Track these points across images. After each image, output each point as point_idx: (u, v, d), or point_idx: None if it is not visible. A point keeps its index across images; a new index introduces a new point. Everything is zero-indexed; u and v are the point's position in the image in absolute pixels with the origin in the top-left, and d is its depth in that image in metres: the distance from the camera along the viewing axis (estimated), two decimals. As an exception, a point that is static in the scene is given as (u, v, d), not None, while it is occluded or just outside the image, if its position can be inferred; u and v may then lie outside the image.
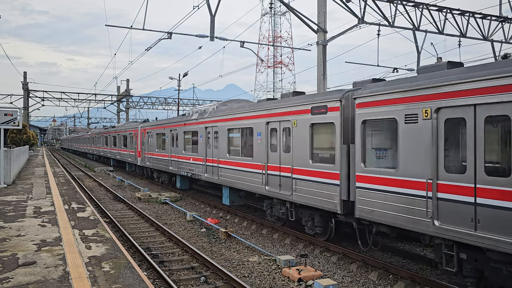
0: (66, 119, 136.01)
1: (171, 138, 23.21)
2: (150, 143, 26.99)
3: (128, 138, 33.13)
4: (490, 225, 6.79)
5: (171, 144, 23.08)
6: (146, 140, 27.88)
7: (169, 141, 23.43)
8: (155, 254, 10.97)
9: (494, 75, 6.77)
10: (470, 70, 7.40)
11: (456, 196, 7.38)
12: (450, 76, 7.65)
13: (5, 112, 19.89)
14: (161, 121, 26.25)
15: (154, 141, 26.18)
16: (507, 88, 6.58)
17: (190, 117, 20.46)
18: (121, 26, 21.34)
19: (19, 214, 13.02)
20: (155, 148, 26.02)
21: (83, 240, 9.85)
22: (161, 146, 25.04)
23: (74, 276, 7.20)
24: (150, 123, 28.01)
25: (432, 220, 7.76)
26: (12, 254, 8.58)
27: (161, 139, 24.99)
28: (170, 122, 23.47)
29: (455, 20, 21.14)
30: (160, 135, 25.28)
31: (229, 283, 8.73)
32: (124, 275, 7.34)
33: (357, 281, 9.27)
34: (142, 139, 28.72)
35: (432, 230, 7.77)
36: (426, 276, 8.81)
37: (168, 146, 23.44)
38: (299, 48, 26.01)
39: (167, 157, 23.69)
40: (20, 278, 7.12)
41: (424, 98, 7.98)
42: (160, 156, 24.91)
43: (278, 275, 9.48)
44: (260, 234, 13.62)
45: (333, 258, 10.70)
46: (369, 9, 18.80)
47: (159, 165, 25.22)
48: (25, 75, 54.80)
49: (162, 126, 24.70)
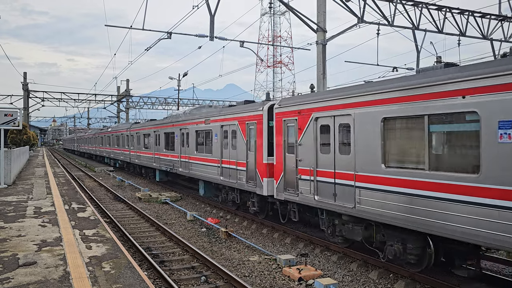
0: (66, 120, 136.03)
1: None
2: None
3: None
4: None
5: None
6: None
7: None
8: (155, 254, 10.98)
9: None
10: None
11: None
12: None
13: (5, 113, 19.89)
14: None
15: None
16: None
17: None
18: (121, 26, 21.33)
19: (19, 214, 13.03)
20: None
21: (84, 240, 9.85)
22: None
23: (75, 276, 7.21)
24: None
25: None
26: (13, 254, 8.59)
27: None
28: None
29: (455, 19, 21.14)
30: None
31: (230, 283, 8.74)
32: (125, 275, 7.35)
33: (357, 280, 9.28)
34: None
35: None
36: (426, 275, 8.82)
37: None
38: (298, 47, 26.00)
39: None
40: (20, 278, 7.13)
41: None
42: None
43: (278, 275, 9.49)
44: (260, 234, 13.63)
45: (334, 258, 10.71)
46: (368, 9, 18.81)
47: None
48: (25, 75, 54.75)
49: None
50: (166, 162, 23.42)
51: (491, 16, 21.84)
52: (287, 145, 12.23)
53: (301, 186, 11.44)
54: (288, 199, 12.29)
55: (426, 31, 20.68)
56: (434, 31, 20.68)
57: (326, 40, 18.86)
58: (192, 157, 19.34)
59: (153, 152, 26.01)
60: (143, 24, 20.58)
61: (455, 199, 7.30)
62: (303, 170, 11.37)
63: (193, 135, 19.33)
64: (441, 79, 7.66)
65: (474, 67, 7.30)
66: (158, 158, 24.94)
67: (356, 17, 18.62)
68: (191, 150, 19.48)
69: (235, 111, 15.33)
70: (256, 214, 14.92)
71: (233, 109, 15.71)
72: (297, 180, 11.59)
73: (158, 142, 25.04)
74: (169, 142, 23.18)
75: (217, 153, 16.57)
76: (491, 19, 21.95)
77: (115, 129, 39.52)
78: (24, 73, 54.90)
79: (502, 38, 22.37)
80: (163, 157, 23.99)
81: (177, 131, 21.56)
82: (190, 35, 21.74)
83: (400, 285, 8.73)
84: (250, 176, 14.14)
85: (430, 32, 20.76)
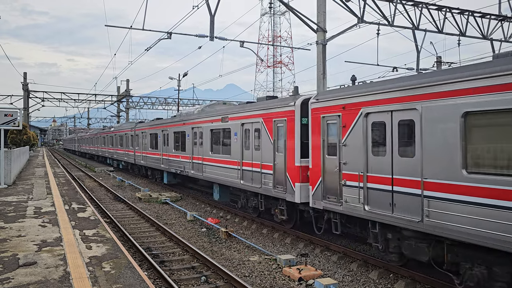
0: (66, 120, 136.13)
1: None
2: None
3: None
4: None
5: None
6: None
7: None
8: (155, 254, 10.98)
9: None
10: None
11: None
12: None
13: (5, 113, 19.91)
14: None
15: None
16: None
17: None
18: (121, 27, 21.33)
19: (19, 214, 13.03)
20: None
21: (84, 240, 9.85)
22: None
23: (75, 276, 7.21)
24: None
25: None
26: (13, 254, 8.59)
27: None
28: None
29: (455, 19, 21.14)
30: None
31: (230, 283, 8.75)
32: (125, 275, 7.35)
33: (357, 280, 9.28)
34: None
35: None
36: (426, 275, 8.82)
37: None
38: (298, 47, 25.99)
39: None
40: (20, 278, 7.13)
41: None
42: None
43: (278, 275, 9.49)
44: (260, 234, 13.63)
45: (334, 258, 10.71)
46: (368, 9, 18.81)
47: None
48: (25, 75, 54.78)
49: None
50: (176, 163, 21.90)
51: (491, 16, 21.85)
52: (326, 145, 10.67)
53: (346, 194, 9.88)
54: (327, 208, 10.65)
55: (426, 31, 20.69)
56: (434, 31, 20.68)
57: (326, 40, 18.86)
58: (207, 158, 17.90)
59: (160, 153, 24.43)
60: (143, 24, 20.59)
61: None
62: (348, 175, 9.82)
63: (207, 135, 17.88)
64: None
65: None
66: (167, 159, 23.35)
67: (356, 17, 18.62)
68: (206, 150, 18.04)
69: (260, 107, 13.80)
70: (282, 223, 13.52)
71: (257, 105, 14.23)
72: (341, 187, 10.08)
73: (167, 142, 23.46)
74: (179, 142, 21.57)
75: (236, 154, 15.17)
76: (491, 19, 21.96)
77: (118, 128, 37.96)
78: (24, 73, 54.93)
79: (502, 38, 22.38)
80: (172, 158, 22.41)
81: (189, 130, 20.03)
82: (190, 35, 21.74)
83: (400, 285, 8.73)
84: (279, 180, 12.64)
85: (430, 32, 20.76)
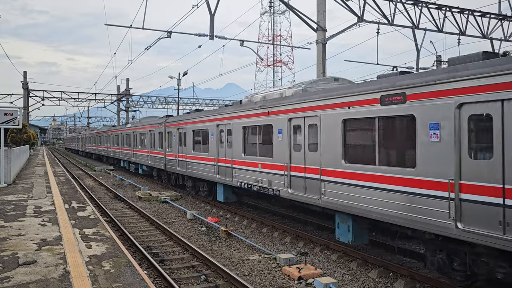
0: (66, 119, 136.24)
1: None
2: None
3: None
4: None
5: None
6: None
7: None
8: (155, 253, 10.99)
9: None
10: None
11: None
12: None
13: (5, 112, 19.92)
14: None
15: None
16: None
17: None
18: (121, 25, 21.38)
19: (19, 213, 13.04)
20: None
21: (84, 239, 9.86)
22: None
23: (75, 275, 7.21)
24: None
25: None
26: (13, 253, 8.60)
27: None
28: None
29: (455, 18, 21.16)
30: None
31: (230, 282, 8.75)
32: (125, 274, 7.35)
33: (357, 279, 9.29)
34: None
35: None
36: (426, 274, 8.84)
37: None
38: (298, 46, 26.01)
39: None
40: (20, 277, 7.13)
41: None
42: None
43: (278, 274, 9.50)
44: (260, 233, 13.64)
45: (333, 256, 10.71)
46: (368, 8, 18.83)
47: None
48: (25, 74, 54.79)
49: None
50: (249, 175, 14.38)
51: (491, 15, 21.86)
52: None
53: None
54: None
55: (426, 30, 20.70)
56: (434, 30, 20.69)
57: (326, 39, 18.86)
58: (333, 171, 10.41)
59: (215, 158, 17.01)
60: (143, 23, 20.63)
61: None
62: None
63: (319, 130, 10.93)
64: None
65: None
66: (230, 168, 15.71)
67: (356, 16, 18.63)
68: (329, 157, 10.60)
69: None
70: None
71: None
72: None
73: (227, 141, 16.07)
74: (257, 142, 14.11)
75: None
76: (491, 18, 21.98)
77: (138, 124, 31.13)
78: (24, 72, 54.94)
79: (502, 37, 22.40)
80: (240, 167, 15.05)
81: (280, 122, 12.45)
82: (190, 34, 21.76)
83: (400, 284, 8.74)
84: None
85: (430, 31, 20.77)
